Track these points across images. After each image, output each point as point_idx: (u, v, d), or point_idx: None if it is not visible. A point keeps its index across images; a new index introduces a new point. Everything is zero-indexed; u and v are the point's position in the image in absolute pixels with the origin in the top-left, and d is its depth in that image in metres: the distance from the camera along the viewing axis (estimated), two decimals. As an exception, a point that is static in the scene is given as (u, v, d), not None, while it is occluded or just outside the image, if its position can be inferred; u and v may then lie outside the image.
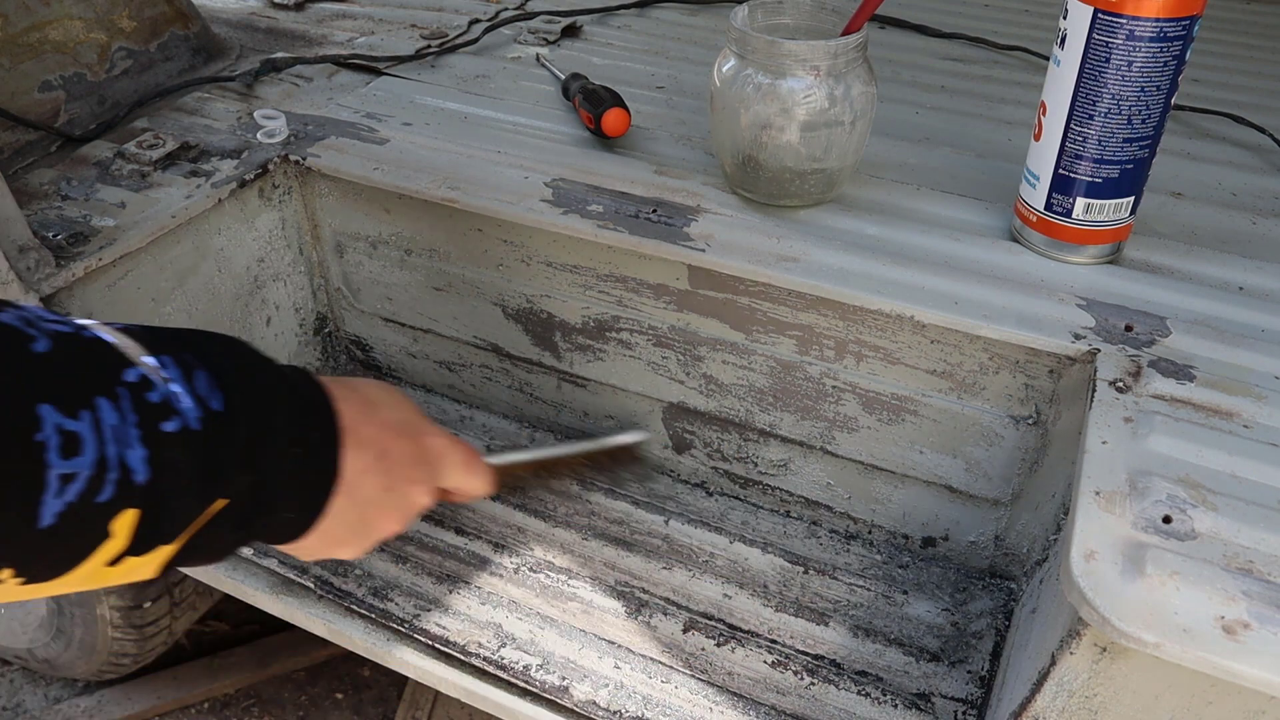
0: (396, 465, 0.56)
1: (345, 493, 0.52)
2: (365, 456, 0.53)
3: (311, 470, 0.51)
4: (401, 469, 0.57)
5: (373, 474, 0.54)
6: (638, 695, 0.69)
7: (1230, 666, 0.44)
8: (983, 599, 0.76)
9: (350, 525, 0.55)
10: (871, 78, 0.72)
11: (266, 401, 0.47)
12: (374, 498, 0.55)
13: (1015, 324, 0.65)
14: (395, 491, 0.57)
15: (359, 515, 0.55)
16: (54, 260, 0.70)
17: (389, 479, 0.56)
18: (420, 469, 0.59)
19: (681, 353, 0.79)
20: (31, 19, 0.89)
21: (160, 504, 0.42)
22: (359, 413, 0.54)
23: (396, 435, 0.56)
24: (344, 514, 0.53)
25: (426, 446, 0.59)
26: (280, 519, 0.50)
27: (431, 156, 0.84)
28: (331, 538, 0.54)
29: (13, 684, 1.30)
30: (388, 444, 0.55)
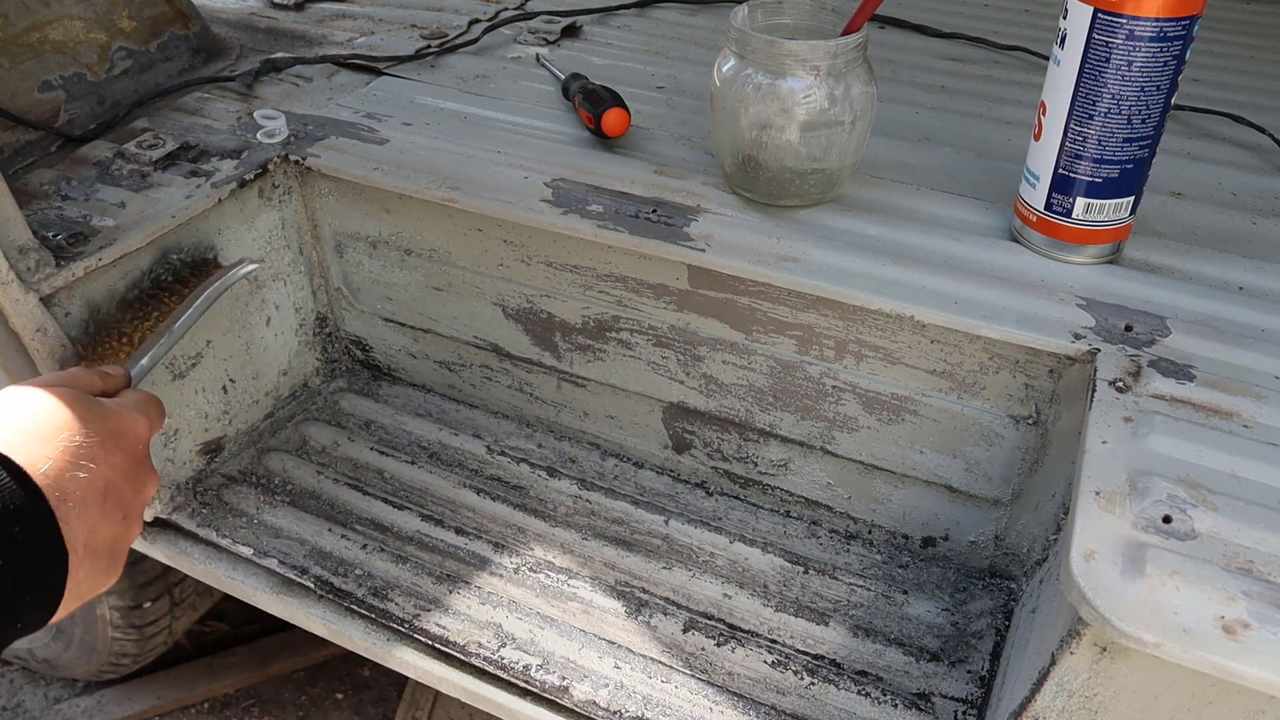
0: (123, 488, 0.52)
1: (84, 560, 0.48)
2: (90, 512, 0.48)
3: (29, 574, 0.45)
4: (128, 487, 0.52)
5: (105, 520, 0.50)
6: (638, 695, 0.69)
7: (1230, 666, 0.44)
8: (983, 599, 0.76)
9: (100, 571, 0.50)
10: (871, 78, 0.72)
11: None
12: (114, 535, 0.51)
13: (1015, 324, 0.65)
14: (131, 512, 0.53)
15: (106, 558, 0.51)
16: (54, 260, 0.70)
17: (122, 507, 0.51)
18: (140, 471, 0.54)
19: (681, 353, 0.79)
20: (31, 19, 0.89)
21: None
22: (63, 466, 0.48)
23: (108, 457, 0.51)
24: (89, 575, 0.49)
25: (132, 442, 0.54)
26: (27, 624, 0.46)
27: (431, 156, 0.84)
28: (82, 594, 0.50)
29: (13, 684, 1.30)
30: (107, 477, 0.50)
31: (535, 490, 0.86)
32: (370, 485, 0.87)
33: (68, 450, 0.49)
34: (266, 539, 0.81)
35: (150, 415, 0.58)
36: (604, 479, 0.87)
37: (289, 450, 0.90)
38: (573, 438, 0.92)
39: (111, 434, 0.52)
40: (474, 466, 0.89)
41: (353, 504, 0.85)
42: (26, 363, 0.71)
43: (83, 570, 0.48)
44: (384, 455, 0.90)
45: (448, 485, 0.87)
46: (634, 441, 0.88)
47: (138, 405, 0.58)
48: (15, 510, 0.45)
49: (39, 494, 0.46)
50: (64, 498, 0.47)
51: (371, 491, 0.86)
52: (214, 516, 0.83)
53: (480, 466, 0.89)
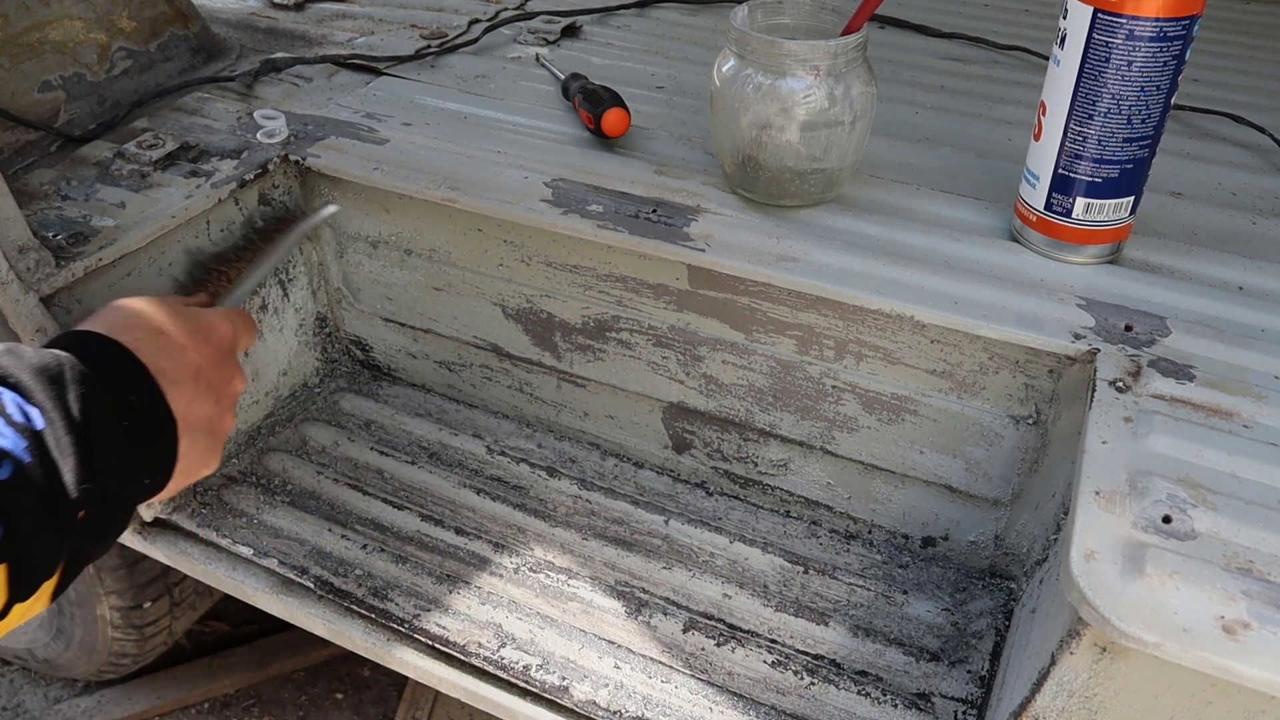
0: (213, 375, 0.58)
1: (186, 432, 0.54)
2: (185, 388, 0.55)
3: (147, 434, 0.52)
4: (217, 375, 0.59)
5: (199, 399, 0.56)
6: (638, 695, 0.69)
7: (1230, 666, 0.44)
8: (983, 599, 0.76)
9: (201, 450, 0.57)
10: (871, 78, 0.72)
11: (78, 388, 0.47)
12: (209, 415, 0.57)
13: (1015, 324, 0.65)
14: (223, 399, 0.59)
15: (205, 438, 0.57)
16: (54, 260, 0.70)
17: (214, 392, 0.58)
18: (227, 364, 0.61)
19: (681, 353, 0.79)
20: (31, 19, 0.89)
21: (24, 549, 0.42)
22: (158, 347, 0.54)
23: (197, 348, 0.58)
24: (192, 447, 0.55)
25: (219, 339, 0.61)
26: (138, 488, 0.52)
27: (431, 156, 0.84)
28: (190, 470, 0.56)
29: (13, 684, 1.30)
30: (196, 362, 0.57)
31: (535, 490, 0.86)
32: (370, 485, 0.87)
33: (160, 336, 0.55)
34: (266, 539, 0.81)
35: (235, 321, 0.64)
36: (604, 479, 0.87)
37: (289, 450, 0.90)
38: (573, 438, 0.92)
39: (198, 329, 0.59)
40: (474, 466, 0.89)
41: (353, 504, 0.85)
42: (26, 363, 0.71)
43: (186, 441, 0.54)
44: (384, 455, 0.90)
45: (448, 485, 0.87)
46: (634, 441, 0.88)
47: (223, 312, 0.64)
48: (130, 380, 0.51)
49: (144, 368, 0.52)
50: (161, 372, 0.53)
51: (371, 491, 0.86)
52: (214, 516, 0.83)
53: (480, 466, 0.89)
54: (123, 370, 0.52)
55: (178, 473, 0.55)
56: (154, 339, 0.54)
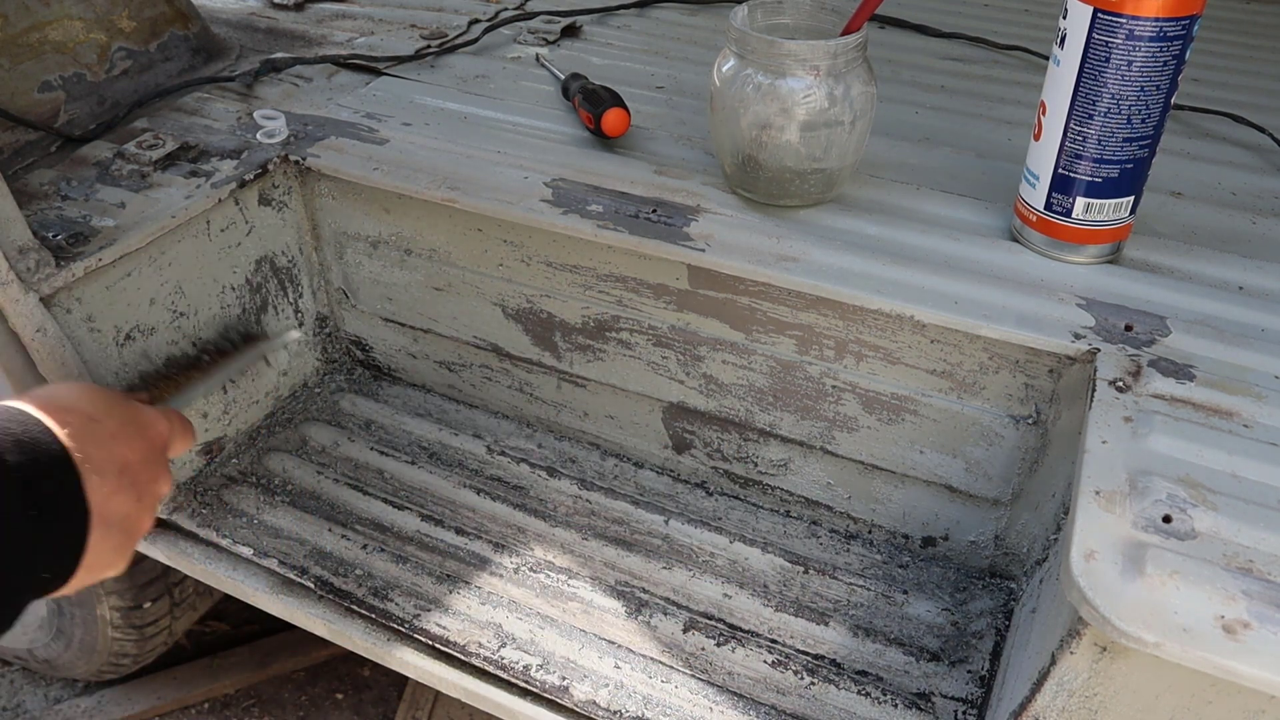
0: (139, 472, 0.56)
1: (99, 525, 0.51)
2: (108, 480, 0.52)
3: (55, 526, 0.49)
4: (144, 473, 0.56)
5: (121, 494, 0.53)
6: (638, 695, 0.69)
7: (1230, 666, 0.44)
8: (983, 599, 0.76)
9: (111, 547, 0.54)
10: (871, 78, 0.72)
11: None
12: (127, 512, 0.54)
13: (1015, 324, 0.65)
14: (144, 498, 0.56)
15: (119, 536, 0.54)
16: (54, 260, 0.70)
17: (137, 489, 0.55)
18: (156, 462, 0.58)
19: (681, 353, 0.79)
20: (31, 19, 0.89)
21: None
22: (88, 434, 0.52)
23: (127, 440, 0.55)
24: (103, 542, 0.52)
25: (154, 437, 0.59)
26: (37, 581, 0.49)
27: (431, 156, 0.84)
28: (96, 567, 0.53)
29: (13, 684, 1.30)
30: (125, 456, 0.54)
31: (535, 490, 0.86)
32: (370, 485, 0.87)
33: (93, 423, 0.53)
34: (266, 539, 0.81)
35: (173, 422, 0.62)
36: (604, 479, 0.87)
37: (289, 450, 0.90)
38: (573, 438, 0.92)
39: (131, 421, 0.57)
40: (474, 466, 0.89)
41: (353, 504, 0.85)
42: (26, 363, 0.71)
43: (98, 536, 0.52)
44: (384, 455, 0.90)
45: (448, 485, 0.87)
46: (634, 441, 0.88)
47: (162, 412, 0.63)
48: (47, 464, 0.49)
49: (65, 453, 0.50)
50: (85, 460, 0.51)
51: (371, 491, 0.86)
52: (214, 516, 0.83)
53: (480, 466, 0.89)
54: (43, 454, 0.49)
55: (81, 568, 0.52)
56: (86, 425, 0.52)
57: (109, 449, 0.53)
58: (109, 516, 0.53)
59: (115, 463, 0.53)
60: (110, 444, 0.54)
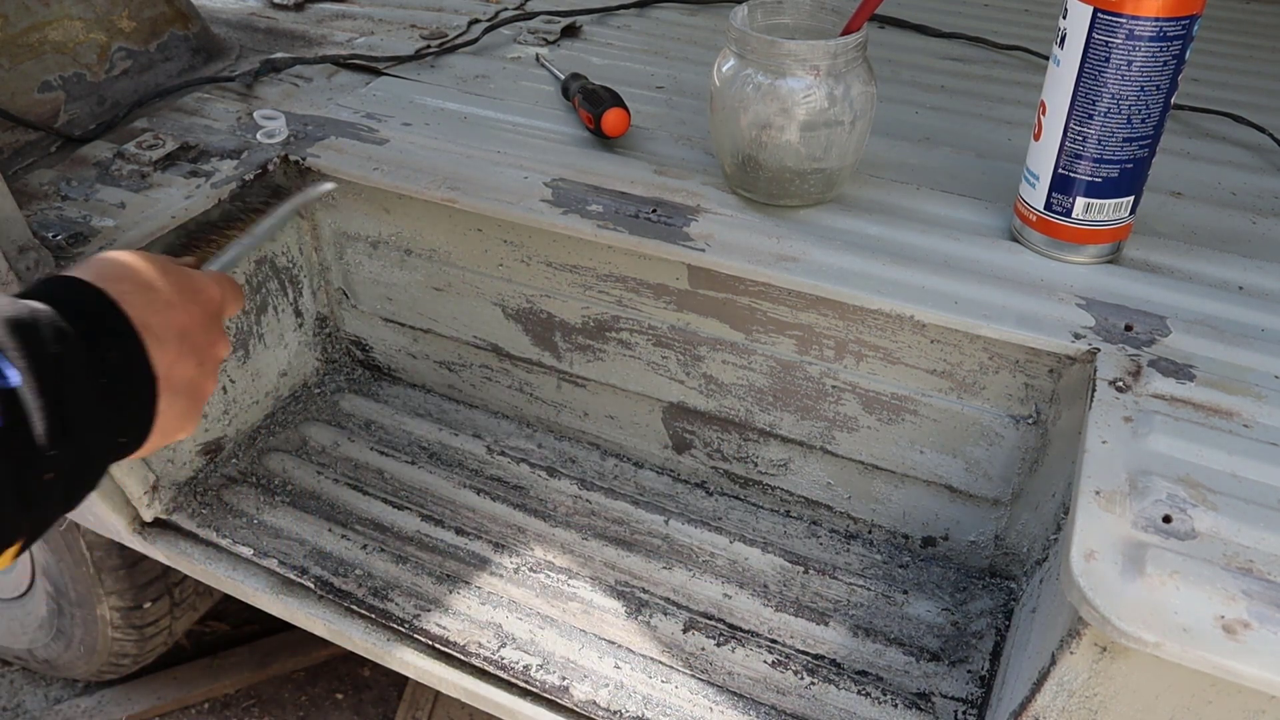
0: (198, 337, 0.56)
1: (166, 391, 0.53)
2: (169, 347, 0.53)
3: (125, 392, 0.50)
4: (203, 338, 0.57)
5: (183, 360, 0.55)
6: (638, 695, 0.69)
7: (1230, 666, 0.44)
8: (983, 599, 0.76)
9: (180, 411, 0.55)
10: (871, 77, 0.72)
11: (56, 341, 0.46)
12: (191, 377, 0.56)
13: (1015, 324, 0.65)
14: (205, 362, 0.57)
15: (185, 400, 0.55)
16: (54, 260, 0.70)
17: (197, 354, 0.56)
18: (213, 326, 0.59)
19: (681, 353, 0.79)
20: (31, 19, 0.89)
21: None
22: (146, 302, 0.53)
23: (185, 307, 0.56)
24: (171, 407, 0.54)
25: (207, 301, 0.59)
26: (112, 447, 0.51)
27: (431, 156, 0.84)
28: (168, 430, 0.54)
29: (13, 684, 1.30)
30: (183, 321, 0.55)
31: (535, 490, 0.86)
32: (370, 485, 0.87)
33: (149, 291, 0.54)
34: (266, 539, 0.81)
35: (224, 286, 0.63)
36: (604, 479, 0.87)
37: (289, 450, 0.90)
38: (573, 438, 0.92)
39: (186, 288, 0.58)
40: (474, 466, 0.89)
41: (353, 504, 0.85)
42: (26, 363, 0.71)
43: (165, 402, 0.53)
44: (384, 455, 0.90)
45: (448, 485, 0.87)
46: (634, 441, 0.88)
47: (212, 276, 0.63)
48: (112, 334, 0.50)
49: (127, 323, 0.51)
50: (146, 328, 0.51)
51: (371, 492, 0.86)
52: (214, 517, 0.83)
53: (480, 466, 0.89)
54: (105, 324, 0.50)
55: (154, 432, 0.53)
56: (142, 293, 0.53)
57: (166, 316, 0.54)
58: (174, 383, 0.54)
59: (174, 329, 0.54)
60: (167, 311, 0.54)
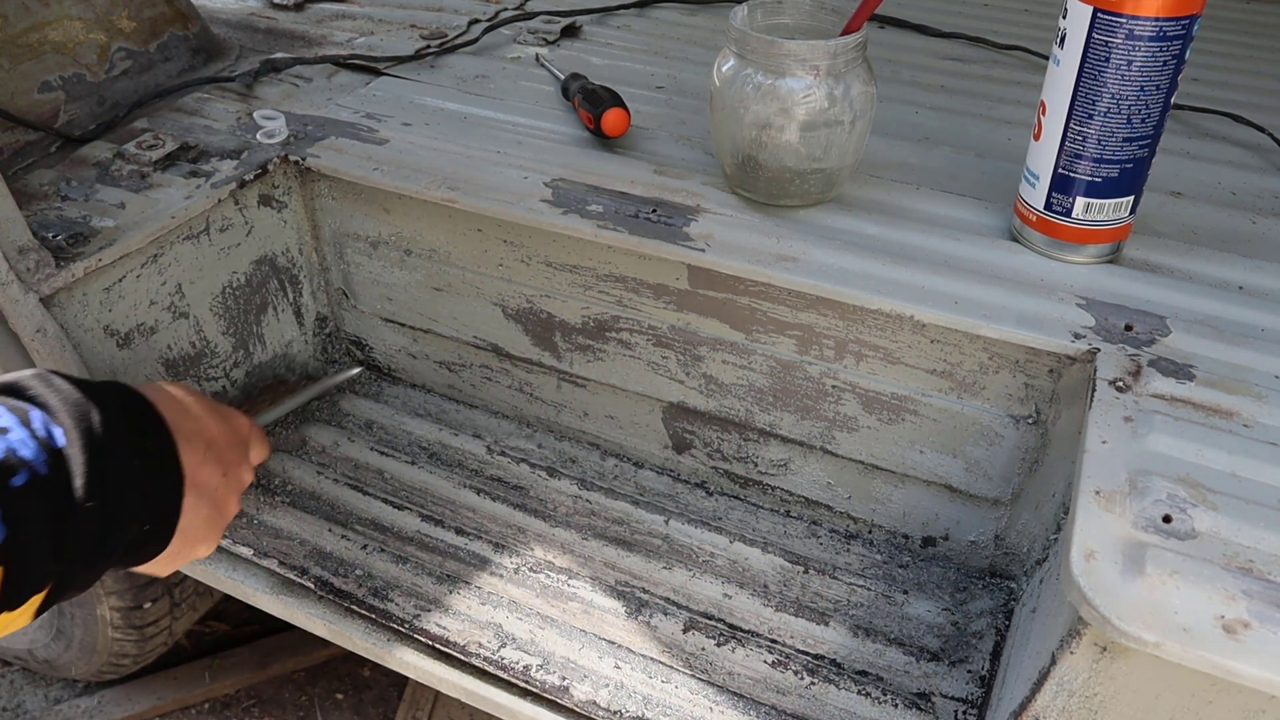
0: (223, 449, 0.60)
1: (192, 489, 0.55)
2: (197, 448, 0.57)
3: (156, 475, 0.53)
4: (230, 453, 0.61)
5: (208, 464, 0.58)
6: (638, 695, 0.69)
7: (1230, 666, 0.44)
8: (983, 598, 0.76)
9: (203, 519, 0.58)
10: (871, 77, 0.72)
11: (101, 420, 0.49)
12: (216, 484, 0.59)
13: (1015, 323, 0.65)
14: (230, 474, 0.61)
15: (208, 508, 0.58)
16: (54, 261, 0.70)
17: (223, 464, 0.60)
18: (239, 448, 0.63)
19: (681, 353, 0.79)
20: (31, 19, 0.89)
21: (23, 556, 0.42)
22: (176, 410, 0.57)
23: (214, 423, 0.60)
24: (196, 510, 0.56)
25: (235, 426, 0.64)
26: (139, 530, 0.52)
27: (431, 156, 0.84)
28: (192, 537, 0.57)
29: (13, 685, 1.30)
30: (210, 432, 0.59)
31: (535, 490, 0.86)
32: (370, 485, 0.87)
33: (180, 403, 0.58)
34: (266, 539, 0.81)
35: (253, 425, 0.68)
36: (604, 479, 0.87)
37: (289, 450, 0.90)
38: (573, 438, 0.92)
39: (216, 410, 0.62)
40: (474, 466, 0.89)
41: (353, 504, 0.85)
42: (26, 363, 0.71)
43: (191, 500, 0.56)
44: (384, 455, 0.90)
45: (448, 485, 0.87)
46: (634, 441, 0.88)
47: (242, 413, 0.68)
48: (148, 426, 0.54)
49: (160, 419, 0.55)
50: (177, 428, 0.55)
51: (371, 492, 0.86)
52: (214, 517, 0.83)
53: (480, 466, 0.89)
54: (142, 417, 0.54)
55: (179, 532, 0.55)
56: (174, 403, 0.57)
57: (196, 423, 0.58)
58: (199, 483, 0.56)
59: (202, 436, 0.58)
60: (197, 420, 0.58)
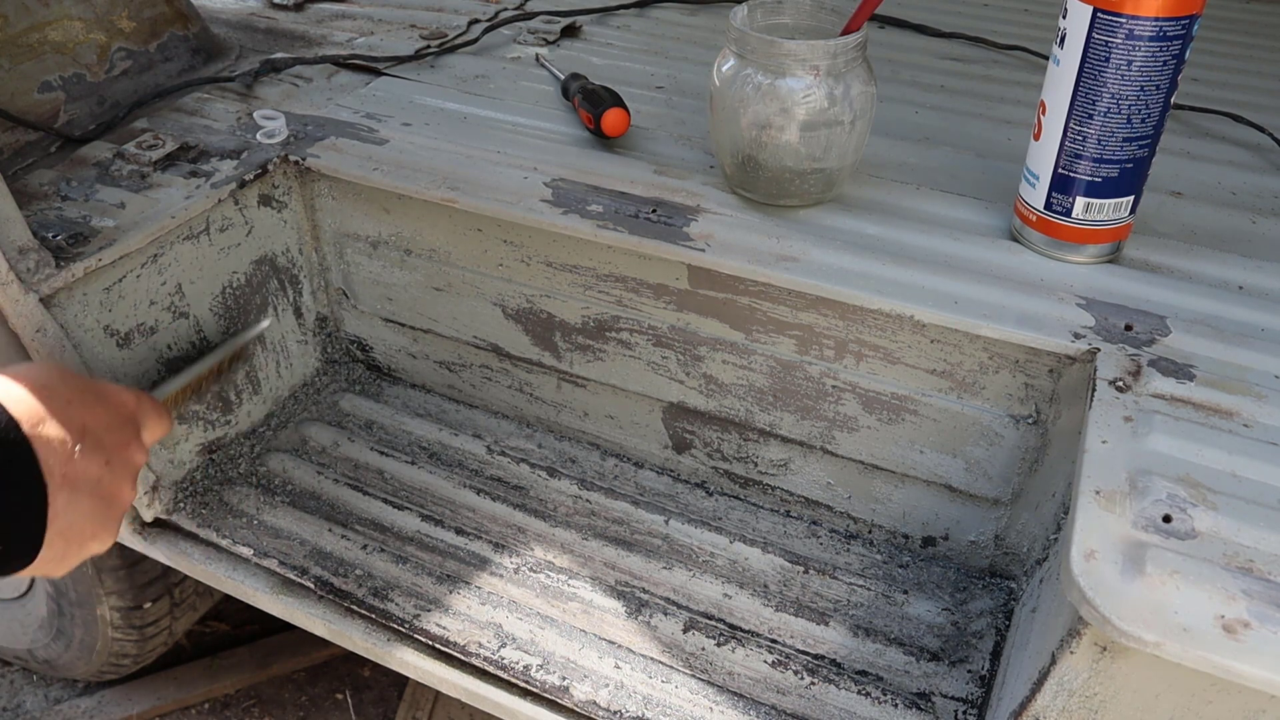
0: (104, 436, 0.54)
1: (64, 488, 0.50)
2: (67, 443, 0.51)
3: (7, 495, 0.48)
4: (110, 437, 0.55)
5: (85, 458, 0.52)
6: (638, 695, 0.69)
7: (1230, 666, 0.44)
8: (983, 598, 0.76)
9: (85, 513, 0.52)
10: (871, 77, 0.72)
11: None
12: (97, 476, 0.53)
13: (1015, 323, 0.65)
14: (115, 462, 0.55)
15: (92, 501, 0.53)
16: (54, 261, 0.70)
17: (104, 453, 0.54)
18: (123, 428, 0.57)
19: (681, 353, 0.79)
20: (31, 19, 0.89)
21: None
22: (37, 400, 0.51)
23: (89, 408, 0.54)
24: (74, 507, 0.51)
25: (118, 406, 0.58)
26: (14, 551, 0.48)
27: (431, 156, 0.84)
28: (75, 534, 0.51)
29: (13, 685, 1.30)
30: (81, 419, 0.53)
31: (535, 490, 0.86)
32: (370, 485, 0.87)
33: (42, 389, 0.52)
34: (266, 539, 0.81)
35: (141, 401, 0.60)
36: (604, 479, 0.87)
37: (289, 450, 0.90)
38: (573, 438, 0.92)
39: (88, 390, 0.55)
40: (474, 466, 0.89)
41: (353, 504, 0.85)
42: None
43: (64, 500, 0.50)
44: (384, 455, 0.90)
45: (448, 485, 0.87)
46: (634, 441, 0.88)
47: (127, 389, 0.60)
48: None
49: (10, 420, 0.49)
50: (38, 423, 0.49)
51: (371, 491, 0.86)
52: (214, 517, 0.83)
53: (480, 466, 0.89)
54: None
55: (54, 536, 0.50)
56: (37, 391, 0.51)
57: (65, 413, 0.52)
58: (74, 479, 0.51)
59: (74, 425, 0.52)
60: (66, 408, 0.52)
